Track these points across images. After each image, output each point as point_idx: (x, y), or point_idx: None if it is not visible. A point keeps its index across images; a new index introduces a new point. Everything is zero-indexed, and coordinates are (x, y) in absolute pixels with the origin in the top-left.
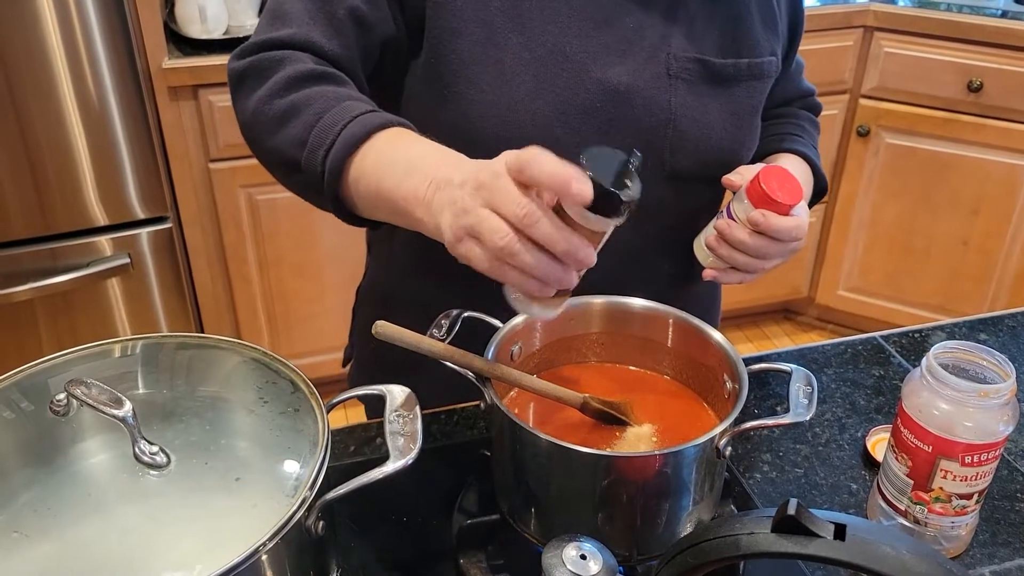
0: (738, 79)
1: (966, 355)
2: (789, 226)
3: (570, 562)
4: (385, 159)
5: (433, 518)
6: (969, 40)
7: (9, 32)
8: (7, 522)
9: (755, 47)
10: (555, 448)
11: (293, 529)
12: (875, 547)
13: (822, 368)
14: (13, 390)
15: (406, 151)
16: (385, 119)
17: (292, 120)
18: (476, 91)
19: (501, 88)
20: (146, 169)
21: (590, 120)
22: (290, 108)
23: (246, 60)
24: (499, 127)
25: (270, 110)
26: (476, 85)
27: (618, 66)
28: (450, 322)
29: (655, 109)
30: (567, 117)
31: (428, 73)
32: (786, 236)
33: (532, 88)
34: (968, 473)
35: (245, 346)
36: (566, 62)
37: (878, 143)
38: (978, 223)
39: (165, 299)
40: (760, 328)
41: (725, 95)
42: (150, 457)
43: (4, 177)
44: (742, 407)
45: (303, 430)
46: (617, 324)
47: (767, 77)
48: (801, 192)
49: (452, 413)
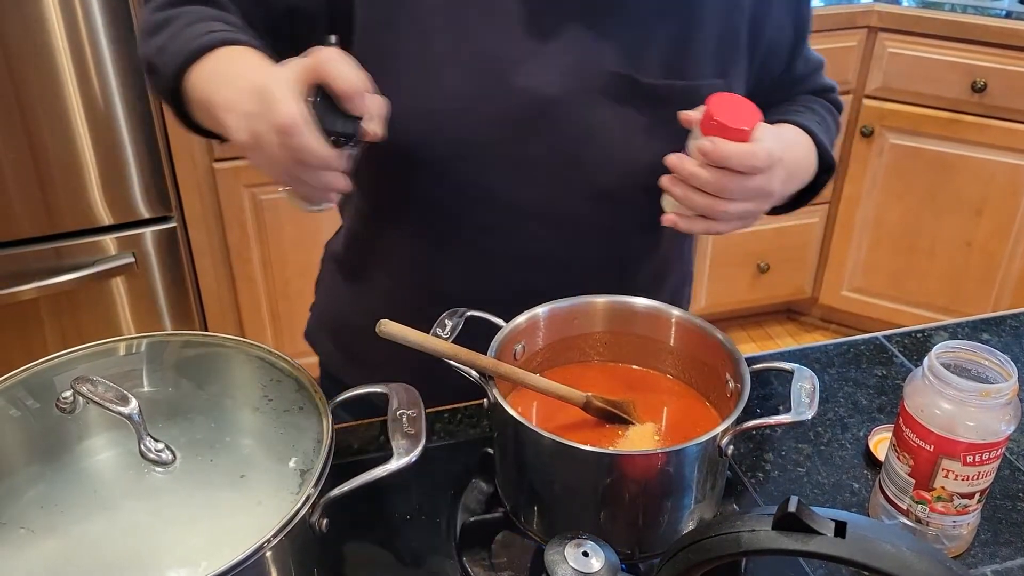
0: (670, 101)
1: (968, 355)
2: (741, 151)
3: (572, 559)
4: (218, 70)
5: (436, 516)
6: (973, 40)
7: (15, 32)
8: (14, 518)
9: (700, 69)
10: (558, 446)
11: (297, 526)
12: (875, 545)
13: (825, 368)
14: (19, 388)
15: (239, 64)
16: (232, 38)
17: (161, 31)
18: (399, 87)
19: (425, 87)
20: (151, 169)
21: (511, 127)
22: (164, 20)
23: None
24: (419, 126)
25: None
26: (399, 81)
27: (545, 76)
28: (454, 321)
29: (576, 122)
30: (489, 122)
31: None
32: (738, 163)
33: (456, 90)
34: (970, 472)
35: (250, 345)
36: (493, 66)
37: (882, 144)
38: (982, 224)
39: (169, 298)
40: (763, 328)
41: (656, 116)
42: (156, 454)
43: (9, 176)
44: (744, 406)
45: (307, 428)
46: (620, 323)
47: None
48: (757, 116)
49: (456, 411)
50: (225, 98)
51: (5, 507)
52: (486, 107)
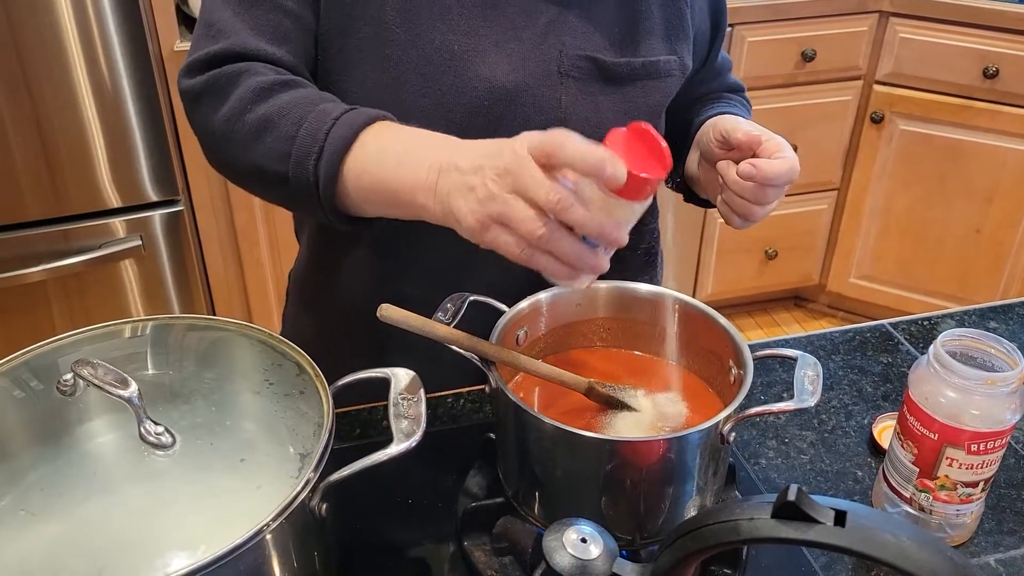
0: (632, 78)
1: (974, 343)
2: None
3: (571, 545)
4: (376, 154)
5: (438, 501)
6: (985, 26)
7: (23, 16)
8: (14, 501)
9: (652, 46)
10: (560, 432)
11: (297, 510)
12: (875, 534)
13: (830, 355)
14: (23, 369)
15: (397, 142)
16: (368, 115)
17: (268, 133)
18: (363, 90)
19: (387, 87)
20: (159, 151)
21: (477, 119)
22: (263, 122)
23: (201, 78)
24: None
25: (242, 127)
26: (362, 85)
27: (506, 64)
28: (456, 306)
29: (545, 108)
30: (454, 116)
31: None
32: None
33: (418, 87)
34: (974, 461)
35: (252, 328)
36: (453, 60)
37: (892, 130)
38: (992, 211)
39: (177, 281)
40: (770, 315)
41: (619, 94)
42: (155, 437)
43: (18, 159)
44: (747, 393)
45: (308, 412)
46: (623, 309)
47: (665, 76)
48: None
49: (459, 396)
50: (426, 180)
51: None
52: (451, 101)
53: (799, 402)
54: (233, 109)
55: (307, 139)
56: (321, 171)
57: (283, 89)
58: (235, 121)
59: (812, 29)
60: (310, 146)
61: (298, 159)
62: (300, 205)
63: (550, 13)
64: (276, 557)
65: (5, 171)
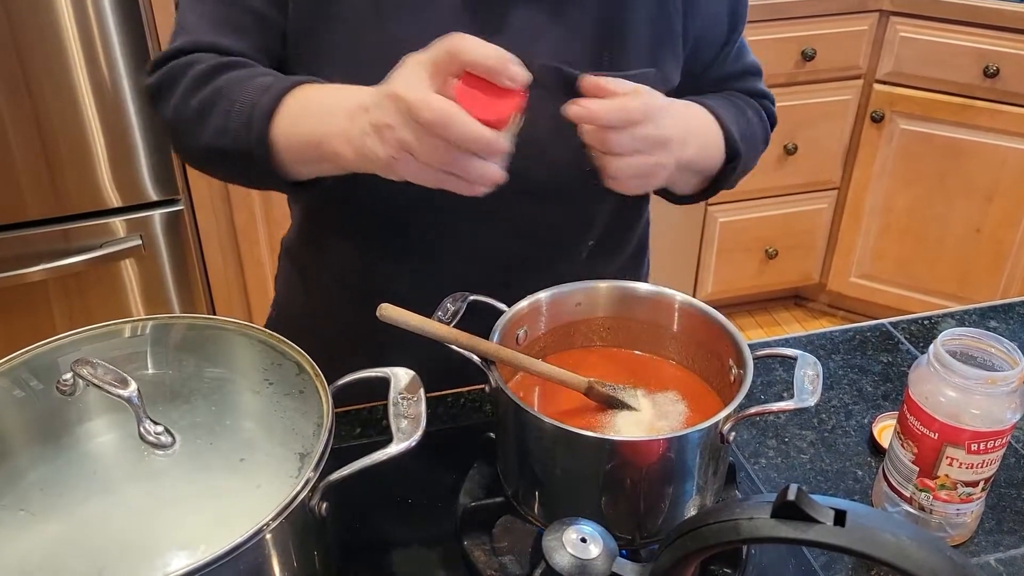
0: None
1: (974, 342)
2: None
3: (570, 545)
4: (299, 113)
5: (438, 500)
6: (986, 25)
7: (23, 16)
8: (14, 501)
9: (633, 57)
10: (559, 432)
11: (297, 510)
12: (875, 533)
13: (830, 354)
14: (23, 369)
15: (318, 100)
16: (293, 80)
17: (210, 113)
18: None
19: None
20: (159, 151)
21: None
22: (204, 104)
23: (156, 74)
24: None
25: (189, 112)
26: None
27: None
28: (456, 305)
29: None
30: None
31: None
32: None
33: None
34: (974, 460)
35: (251, 328)
36: None
37: (892, 129)
38: (992, 210)
39: (177, 281)
40: (771, 314)
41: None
42: (155, 437)
43: (18, 159)
44: (747, 392)
45: (308, 411)
46: (623, 308)
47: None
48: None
49: (459, 396)
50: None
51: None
52: None
53: (799, 402)
54: (180, 97)
55: (241, 111)
56: (254, 138)
57: (224, 71)
58: (183, 108)
59: (812, 28)
60: (243, 117)
61: (235, 131)
62: (253, 178)
63: (524, 19)
64: (276, 557)
65: (5, 171)
